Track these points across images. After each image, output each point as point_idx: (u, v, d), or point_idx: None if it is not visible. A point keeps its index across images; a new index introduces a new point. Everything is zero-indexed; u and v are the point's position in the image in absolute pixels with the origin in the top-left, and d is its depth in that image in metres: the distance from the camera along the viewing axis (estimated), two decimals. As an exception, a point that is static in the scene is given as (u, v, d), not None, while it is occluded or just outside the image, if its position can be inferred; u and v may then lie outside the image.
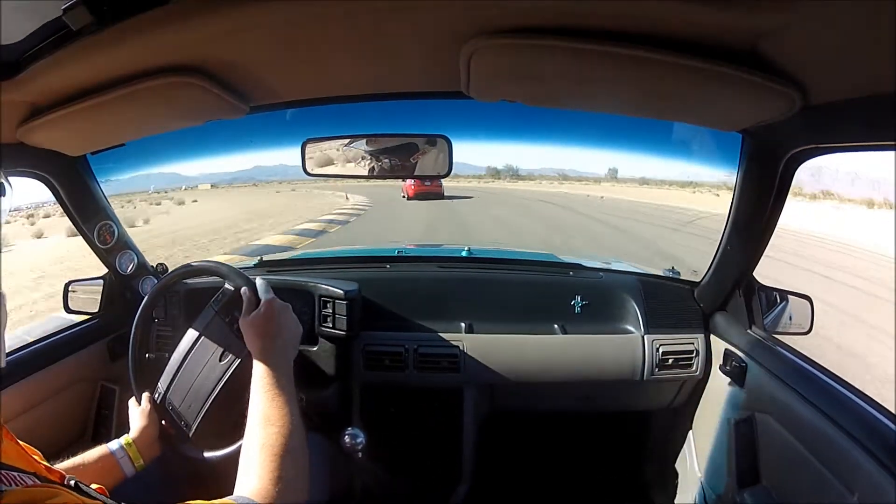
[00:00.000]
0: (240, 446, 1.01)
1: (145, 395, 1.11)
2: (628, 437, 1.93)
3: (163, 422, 1.09)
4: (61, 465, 0.90)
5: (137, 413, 1.08)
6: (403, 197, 16.51)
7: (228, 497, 0.66)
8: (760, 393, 1.26)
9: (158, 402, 1.11)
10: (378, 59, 0.98)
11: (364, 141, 1.23)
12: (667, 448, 1.76)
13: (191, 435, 1.08)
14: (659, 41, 0.76)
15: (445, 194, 17.10)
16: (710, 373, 1.52)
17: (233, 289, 1.11)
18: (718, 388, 1.45)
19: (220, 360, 1.10)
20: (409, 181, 14.11)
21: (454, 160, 1.22)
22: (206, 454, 1.09)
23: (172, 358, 1.15)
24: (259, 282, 1.04)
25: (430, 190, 15.77)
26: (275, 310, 0.96)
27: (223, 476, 1.11)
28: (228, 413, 1.10)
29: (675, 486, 1.70)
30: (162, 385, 1.13)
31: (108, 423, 1.52)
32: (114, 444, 1.00)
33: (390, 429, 1.62)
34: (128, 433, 1.04)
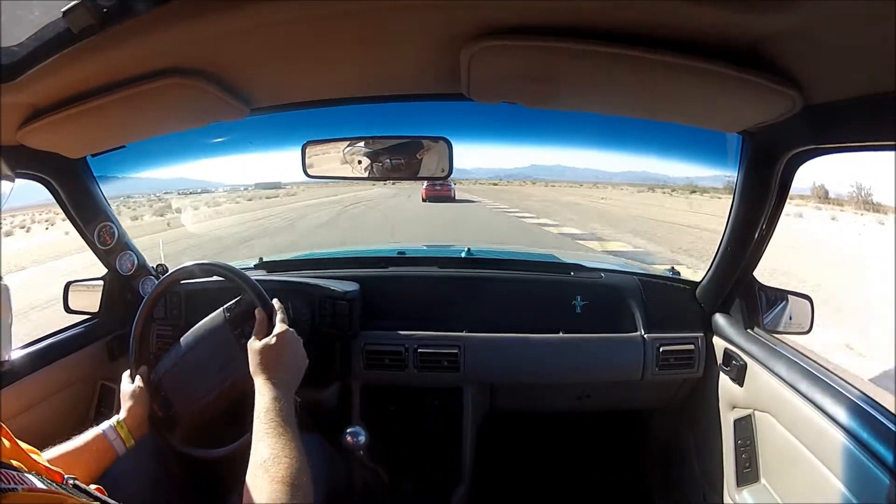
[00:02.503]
0: (230, 449, 1.04)
1: (140, 373, 1.12)
2: (628, 437, 1.94)
3: (154, 405, 1.10)
4: (57, 449, 0.93)
5: (129, 393, 1.09)
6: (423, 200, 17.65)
7: None
8: (760, 392, 1.26)
9: (153, 383, 1.12)
10: (378, 61, 0.98)
11: (364, 143, 1.23)
12: (667, 447, 1.77)
13: (177, 426, 1.10)
14: (659, 42, 0.76)
15: (457, 198, 18.42)
16: (710, 372, 1.52)
17: (248, 303, 1.11)
18: (718, 387, 1.46)
19: (220, 371, 1.11)
20: (424, 184, 16.14)
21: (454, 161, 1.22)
22: (197, 452, 1.10)
23: (175, 348, 1.16)
24: (277, 306, 1.03)
25: (439, 194, 17.12)
26: (286, 342, 0.95)
27: (219, 477, 1.12)
28: (218, 418, 1.11)
29: (675, 485, 1.70)
30: (160, 370, 1.14)
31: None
32: (105, 426, 1.02)
33: (390, 428, 1.62)
34: (118, 414, 1.06)
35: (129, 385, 1.10)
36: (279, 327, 0.96)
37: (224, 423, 1.08)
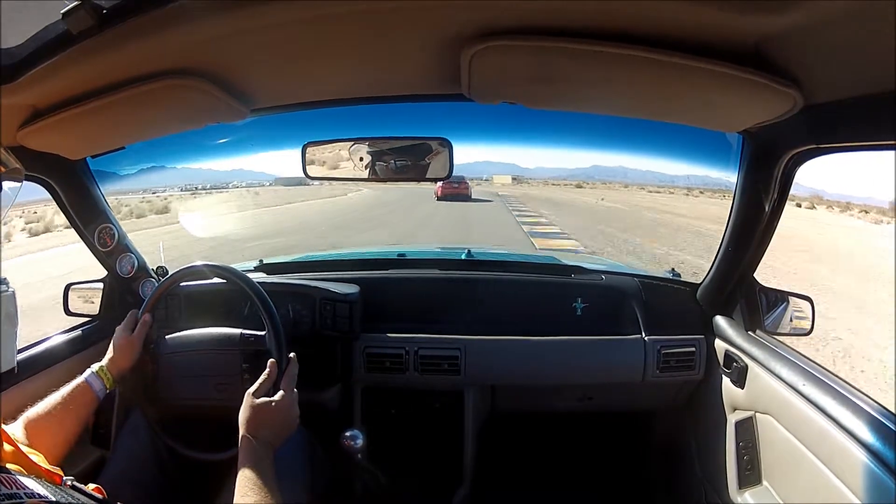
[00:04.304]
0: (224, 456, 1.06)
1: (144, 322, 1.14)
2: (629, 439, 1.93)
3: (143, 369, 1.13)
4: (46, 402, 0.97)
5: (120, 342, 1.11)
6: (436, 197, 17.23)
7: None
8: (761, 393, 1.26)
9: (150, 352, 1.14)
10: (379, 62, 0.98)
11: (365, 143, 1.23)
12: (668, 449, 1.76)
13: (156, 401, 1.14)
14: (660, 42, 0.76)
15: (473, 196, 17.97)
16: (711, 374, 1.51)
17: (266, 347, 1.11)
18: (719, 389, 1.45)
19: (215, 389, 1.12)
20: (439, 183, 15.06)
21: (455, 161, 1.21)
22: (191, 453, 1.12)
23: (181, 336, 1.17)
24: (292, 362, 1.02)
25: (456, 192, 16.89)
26: (285, 408, 0.95)
27: (213, 481, 1.13)
28: (197, 423, 1.13)
29: (677, 486, 1.69)
30: (161, 348, 1.16)
31: (107, 424, 1.51)
32: (88, 373, 1.06)
33: (391, 431, 1.62)
34: (101, 362, 1.09)
35: (124, 334, 1.12)
36: (282, 393, 0.96)
37: (218, 428, 1.08)
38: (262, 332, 1.14)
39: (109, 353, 1.10)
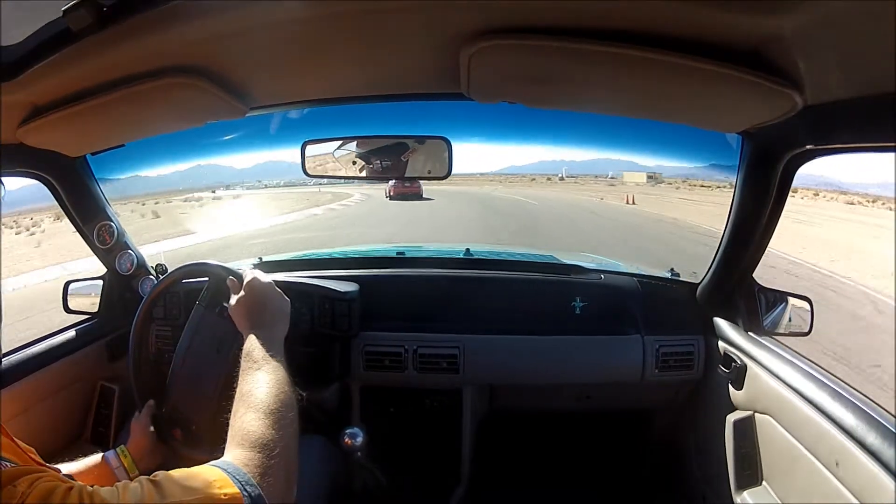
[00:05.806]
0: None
1: (146, 407, 1.12)
2: (628, 438, 1.93)
3: (177, 432, 1.10)
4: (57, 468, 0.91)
5: (135, 424, 1.09)
6: (387, 197, 16.91)
7: (212, 462, 0.65)
8: (760, 393, 1.26)
9: (167, 412, 1.12)
10: (378, 61, 0.98)
11: (364, 142, 1.23)
12: (667, 449, 1.76)
13: (202, 440, 1.08)
14: (660, 42, 0.76)
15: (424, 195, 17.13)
16: (710, 374, 1.52)
17: (215, 282, 1.11)
18: (718, 388, 1.45)
19: (219, 353, 1.10)
20: (392, 182, 14.90)
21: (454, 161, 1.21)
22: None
23: (173, 365, 1.15)
24: (246, 268, 1.04)
25: (408, 191, 16.53)
26: (256, 288, 0.97)
27: None
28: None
29: (676, 486, 1.69)
30: (170, 395, 1.13)
31: (106, 422, 1.52)
32: (109, 453, 1.01)
33: (390, 429, 1.62)
34: (124, 443, 1.06)
35: (134, 420, 1.11)
36: (248, 278, 0.98)
37: (216, 426, 1.07)
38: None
39: (131, 436, 1.08)
